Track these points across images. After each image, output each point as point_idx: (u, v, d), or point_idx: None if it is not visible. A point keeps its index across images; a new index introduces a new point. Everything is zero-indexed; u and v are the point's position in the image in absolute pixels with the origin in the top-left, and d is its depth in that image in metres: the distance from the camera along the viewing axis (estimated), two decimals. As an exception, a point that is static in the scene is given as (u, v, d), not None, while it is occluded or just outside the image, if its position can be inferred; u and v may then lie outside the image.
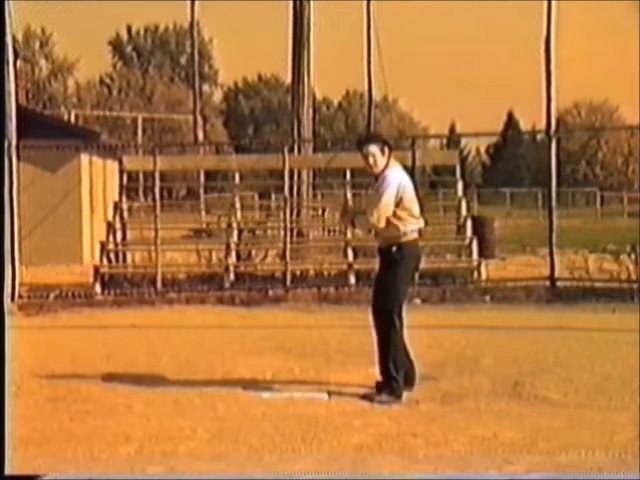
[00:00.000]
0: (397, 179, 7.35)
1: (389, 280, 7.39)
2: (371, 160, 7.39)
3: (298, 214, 18.92)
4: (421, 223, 7.52)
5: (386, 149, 7.43)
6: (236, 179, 19.00)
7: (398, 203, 7.31)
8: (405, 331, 7.44)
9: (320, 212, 20.98)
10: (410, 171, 14.94)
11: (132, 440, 6.13)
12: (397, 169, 7.47)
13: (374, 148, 7.40)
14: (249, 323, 12.10)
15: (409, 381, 7.44)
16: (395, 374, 7.24)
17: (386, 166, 7.39)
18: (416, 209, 7.46)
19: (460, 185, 16.88)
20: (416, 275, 9.80)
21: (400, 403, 7.15)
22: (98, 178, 22.40)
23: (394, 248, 7.35)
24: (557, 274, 14.21)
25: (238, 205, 17.35)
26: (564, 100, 47.85)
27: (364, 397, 7.30)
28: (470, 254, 15.40)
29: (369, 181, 9.63)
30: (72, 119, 43.05)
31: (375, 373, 7.50)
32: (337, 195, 20.09)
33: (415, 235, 7.46)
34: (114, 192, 19.81)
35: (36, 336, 11.20)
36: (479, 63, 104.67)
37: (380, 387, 7.33)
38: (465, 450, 5.81)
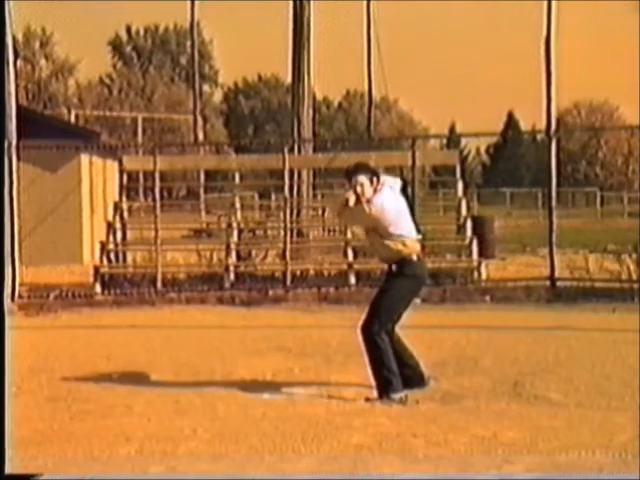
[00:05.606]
0: (387, 203, 7.24)
1: (380, 297, 7.38)
2: (359, 189, 7.25)
3: (298, 214, 18.93)
4: (417, 240, 7.40)
5: (374, 179, 7.31)
6: (236, 179, 18.99)
7: (390, 223, 7.23)
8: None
9: (320, 212, 20.95)
10: (410, 171, 15.14)
11: (132, 440, 6.12)
12: (384, 194, 7.31)
13: (363, 178, 7.27)
14: (249, 323, 12.10)
15: (417, 382, 7.44)
16: (387, 376, 7.20)
17: (373, 196, 7.25)
18: (410, 228, 7.36)
19: (460, 185, 16.88)
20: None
21: (403, 402, 7.13)
22: (98, 178, 22.39)
23: (394, 266, 7.33)
24: (557, 274, 14.22)
25: (238, 205, 17.35)
26: (564, 100, 47.89)
27: (367, 400, 7.24)
28: (470, 254, 15.40)
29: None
30: (72, 119, 43.07)
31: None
32: (337, 195, 20.04)
33: (414, 254, 7.33)
34: (114, 192, 19.81)
35: (36, 336, 11.19)
36: (479, 63, 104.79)
37: (378, 391, 7.28)
38: (465, 450, 5.81)
